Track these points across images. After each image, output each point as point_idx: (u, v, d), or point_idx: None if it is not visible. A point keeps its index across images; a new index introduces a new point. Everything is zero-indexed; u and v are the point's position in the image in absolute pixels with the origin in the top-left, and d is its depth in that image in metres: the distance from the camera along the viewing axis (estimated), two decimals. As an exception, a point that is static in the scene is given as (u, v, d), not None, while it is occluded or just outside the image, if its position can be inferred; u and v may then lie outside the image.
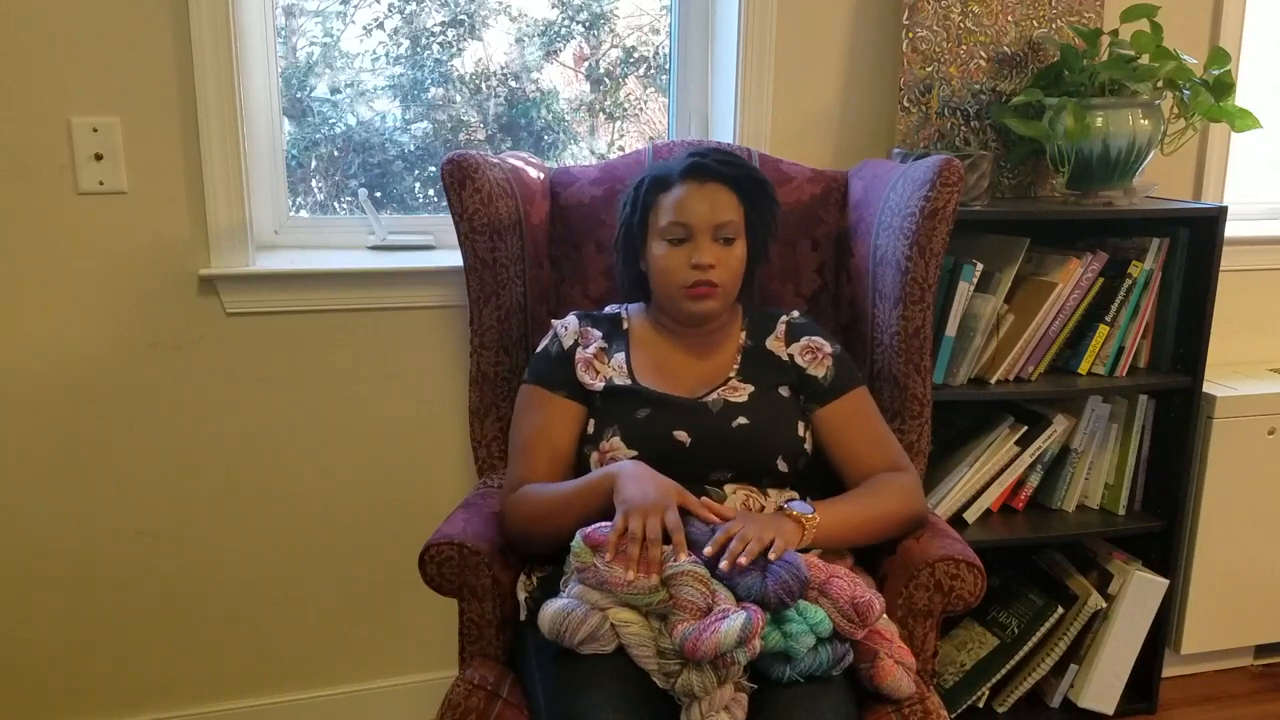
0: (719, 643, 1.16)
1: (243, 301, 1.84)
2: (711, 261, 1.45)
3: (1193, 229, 2.02)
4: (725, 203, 1.47)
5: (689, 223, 1.45)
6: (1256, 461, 2.19)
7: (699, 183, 1.46)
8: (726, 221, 1.46)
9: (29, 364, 1.78)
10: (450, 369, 1.97)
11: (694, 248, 1.45)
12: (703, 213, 1.45)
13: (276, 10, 1.92)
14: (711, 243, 1.46)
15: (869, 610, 1.25)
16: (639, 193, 1.51)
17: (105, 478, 1.85)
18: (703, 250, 1.45)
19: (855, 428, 1.51)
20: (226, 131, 1.77)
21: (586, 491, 1.36)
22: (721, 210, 1.46)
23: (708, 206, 1.45)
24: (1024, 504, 2.07)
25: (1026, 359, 1.96)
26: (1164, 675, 2.20)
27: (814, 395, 1.52)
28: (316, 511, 1.97)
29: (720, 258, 1.46)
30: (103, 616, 1.90)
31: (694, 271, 1.45)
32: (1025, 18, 2.05)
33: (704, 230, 1.45)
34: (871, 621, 1.27)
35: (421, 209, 2.13)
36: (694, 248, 1.45)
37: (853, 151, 2.07)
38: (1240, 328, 2.40)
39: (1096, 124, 1.92)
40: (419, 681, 2.08)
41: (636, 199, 1.51)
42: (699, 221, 1.45)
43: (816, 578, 1.26)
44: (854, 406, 1.52)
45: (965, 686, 2.05)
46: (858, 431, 1.51)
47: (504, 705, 1.31)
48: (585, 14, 2.13)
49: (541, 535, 1.39)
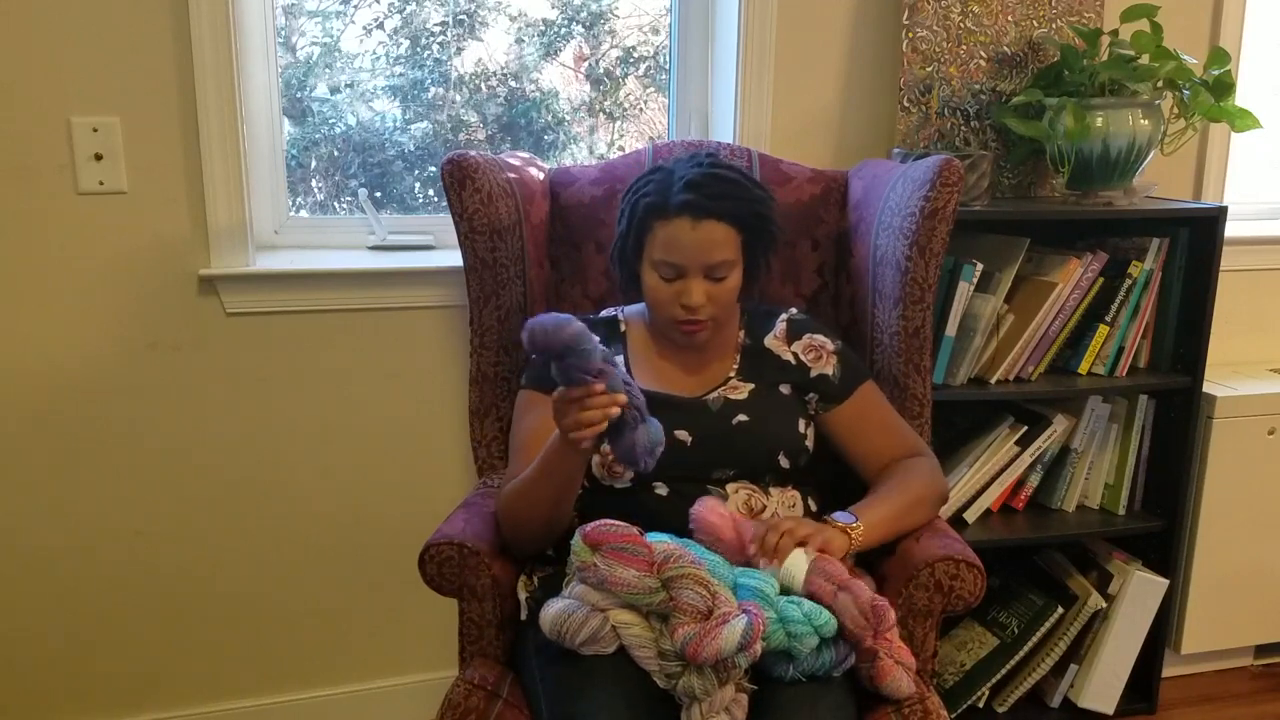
0: (720, 648, 1.17)
1: (243, 301, 1.85)
2: (700, 302, 1.41)
3: (1193, 229, 2.02)
4: (720, 241, 1.40)
5: (680, 264, 1.41)
6: (1256, 461, 2.19)
7: (694, 220, 1.39)
8: (719, 262, 1.41)
9: (29, 364, 1.78)
10: (450, 369, 1.97)
11: (684, 287, 1.42)
12: (694, 255, 1.40)
13: (276, 10, 1.92)
14: (702, 280, 1.42)
15: (885, 615, 1.27)
16: (634, 214, 1.45)
17: (105, 477, 1.85)
18: (692, 291, 1.41)
19: (870, 420, 1.54)
20: (226, 131, 1.77)
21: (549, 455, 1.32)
22: (715, 250, 1.40)
23: (699, 249, 1.39)
24: (1024, 504, 2.07)
25: (1026, 359, 1.96)
26: (1164, 675, 2.20)
27: (827, 395, 1.53)
28: (317, 511, 1.97)
29: (712, 294, 1.42)
30: (103, 616, 1.90)
31: (684, 310, 1.43)
32: (1025, 18, 2.05)
33: (695, 271, 1.41)
34: (885, 628, 1.27)
35: (421, 209, 2.13)
36: (684, 287, 1.42)
37: (853, 151, 2.07)
38: (1240, 328, 2.40)
39: (1096, 124, 1.92)
40: (419, 681, 2.08)
41: (634, 219, 1.45)
42: (690, 263, 1.40)
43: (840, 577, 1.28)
44: (867, 400, 1.54)
45: (965, 686, 2.05)
46: (873, 424, 1.54)
47: (504, 705, 1.31)
48: (585, 14, 2.13)
49: (521, 521, 1.39)
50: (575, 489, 1.37)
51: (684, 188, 1.40)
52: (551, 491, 1.35)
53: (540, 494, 1.35)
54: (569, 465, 1.32)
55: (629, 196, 1.49)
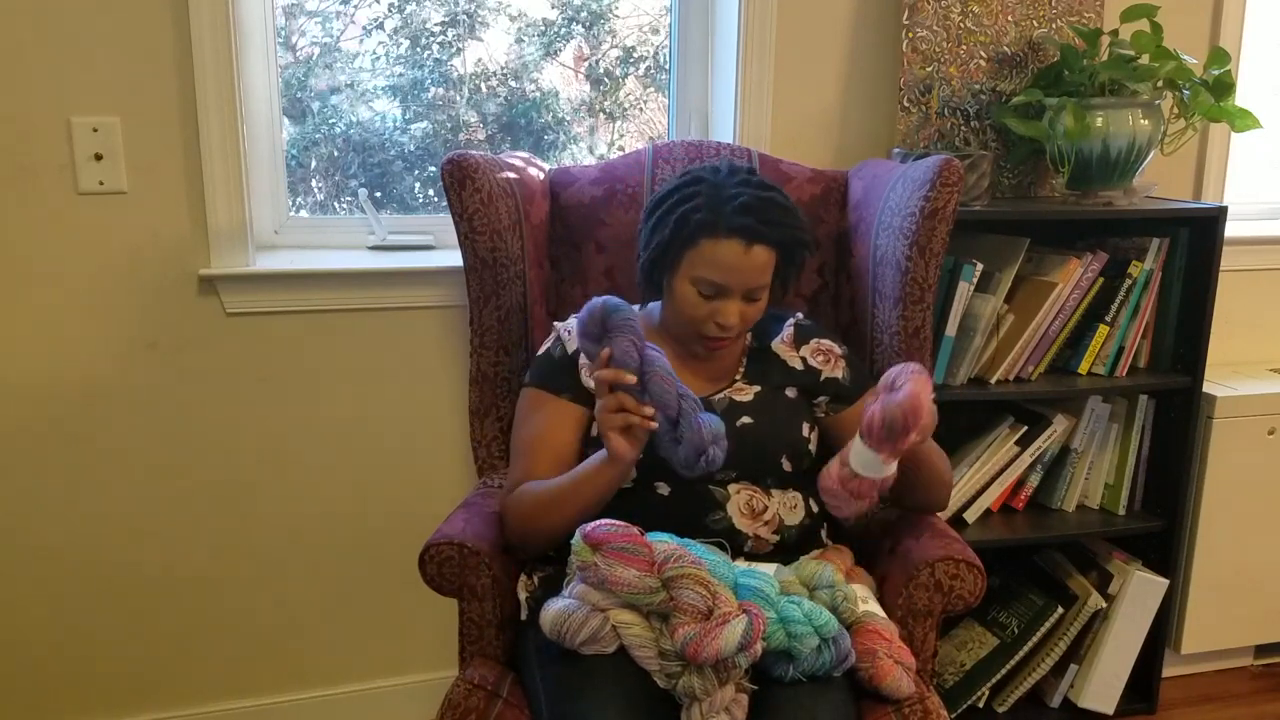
0: (720, 648, 1.17)
1: (243, 301, 1.84)
2: (736, 323, 1.43)
3: (1193, 229, 2.02)
4: (764, 265, 1.41)
5: (724, 284, 1.41)
6: (1256, 461, 2.19)
7: (746, 245, 1.38)
8: (760, 285, 1.43)
9: (29, 364, 1.78)
10: (450, 369, 1.97)
11: (723, 306, 1.42)
12: (740, 278, 1.40)
13: (276, 10, 1.92)
14: (740, 303, 1.43)
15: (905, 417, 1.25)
16: (683, 226, 1.40)
17: (104, 477, 1.85)
18: (730, 313, 1.42)
19: None
20: (226, 131, 1.77)
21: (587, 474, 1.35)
22: (758, 274, 1.41)
23: (747, 273, 1.40)
24: (1024, 504, 2.07)
25: (1026, 359, 1.96)
26: (1164, 675, 2.20)
27: (839, 396, 1.54)
28: (317, 511, 1.97)
29: (744, 313, 1.44)
30: (103, 616, 1.90)
31: (716, 327, 1.43)
32: (1025, 18, 2.05)
33: (737, 293, 1.42)
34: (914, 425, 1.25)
35: (421, 209, 2.13)
36: (723, 306, 1.42)
37: (853, 151, 2.07)
38: (1240, 328, 2.40)
39: (1096, 124, 1.92)
40: (419, 681, 2.08)
41: (679, 231, 1.41)
42: (735, 285, 1.41)
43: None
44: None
45: (965, 686, 2.05)
46: None
47: (504, 705, 1.31)
48: (585, 14, 2.13)
49: (542, 530, 1.39)
50: (606, 502, 1.36)
51: (740, 210, 1.38)
52: (583, 504, 1.34)
53: (571, 507, 1.35)
54: (609, 479, 1.33)
55: (670, 205, 1.44)
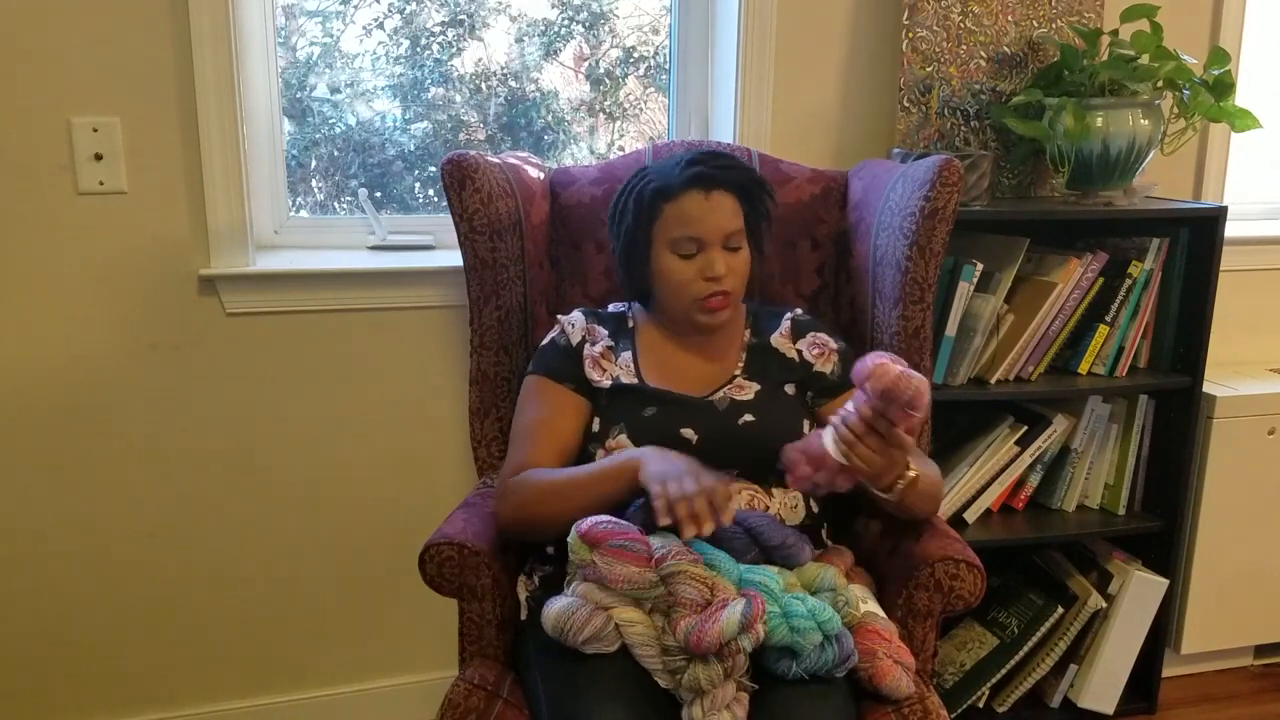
0: (722, 630, 1.17)
1: (243, 301, 1.85)
2: (724, 272, 1.44)
3: (1192, 229, 2.02)
4: (730, 210, 1.46)
5: (701, 236, 1.44)
6: (1256, 461, 2.19)
7: (704, 192, 1.44)
8: (734, 230, 1.46)
9: (29, 364, 1.78)
10: (450, 369, 1.97)
11: (706, 260, 1.44)
12: (712, 224, 1.44)
13: (276, 10, 1.92)
14: (722, 252, 1.45)
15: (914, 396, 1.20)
16: (641, 202, 1.47)
17: (104, 477, 1.85)
18: (715, 263, 1.44)
19: None
20: (226, 131, 1.77)
21: (607, 474, 1.36)
22: (729, 219, 1.45)
23: (717, 217, 1.44)
24: (1024, 504, 2.07)
25: (1026, 359, 1.96)
26: (1164, 675, 2.20)
27: (822, 390, 1.53)
28: (317, 511, 1.97)
29: (731, 266, 1.46)
30: (103, 616, 1.90)
31: (708, 284, 1.44)
32: (1025, 18, 2.05)
33: (715, 242, 1.44)
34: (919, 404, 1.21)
35: (421, 209, 2.13)
36: (706, 260, 1.44)
37: (853, 151, 2.07)
38: (1240, 328, 2.40)
39: (1096, 124, 1.92)
40: (419, 681, 2.09)
41: (639, 209, 1.47)
42: (710, 234, 1.44)
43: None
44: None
45: (965, 686, 2.05)
46: None
47: (504, 705, 1.31)
48: (585, 14, 2.13)
49: (542, 516, 1.38)
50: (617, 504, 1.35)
51: (687, 165, 1.45)
52: (598, 501, 1.34)
53: (584, 499, 1.34)
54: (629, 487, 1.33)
55: (624, 196, 1.50)
